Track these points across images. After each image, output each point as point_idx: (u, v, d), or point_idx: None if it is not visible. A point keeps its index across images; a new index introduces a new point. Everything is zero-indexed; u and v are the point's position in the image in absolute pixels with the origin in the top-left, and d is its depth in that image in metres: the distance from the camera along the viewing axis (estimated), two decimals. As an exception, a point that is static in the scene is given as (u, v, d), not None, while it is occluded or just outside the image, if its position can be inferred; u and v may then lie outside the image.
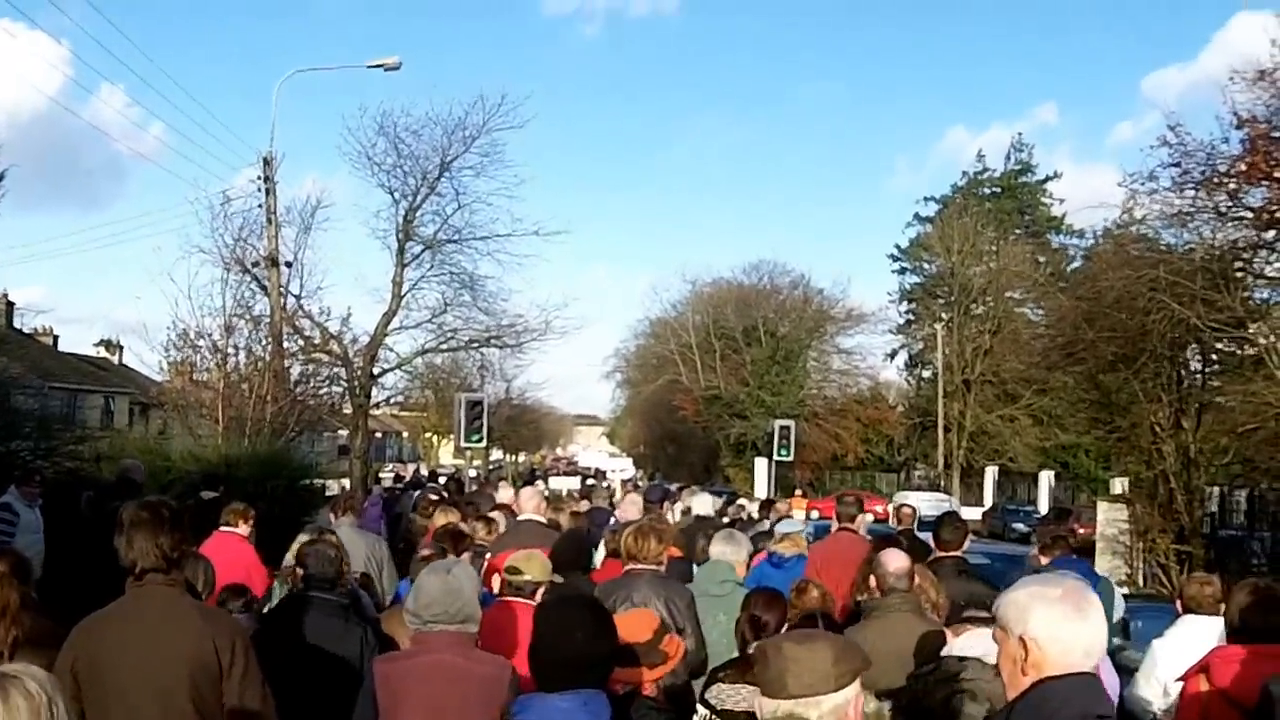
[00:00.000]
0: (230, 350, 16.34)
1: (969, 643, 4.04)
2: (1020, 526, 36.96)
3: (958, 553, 6.93)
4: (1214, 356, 14.03)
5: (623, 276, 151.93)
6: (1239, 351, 13.84)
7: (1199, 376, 13.74)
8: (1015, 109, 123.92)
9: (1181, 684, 4.35)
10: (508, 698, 3.36)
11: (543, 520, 8.37)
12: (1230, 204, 12.88)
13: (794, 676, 2.41)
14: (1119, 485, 38.94)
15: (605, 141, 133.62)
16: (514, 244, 26.84)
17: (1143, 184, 13.12)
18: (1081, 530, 27.37)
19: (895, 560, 5.11)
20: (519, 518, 8.55)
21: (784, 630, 4.41)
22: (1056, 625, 2.47)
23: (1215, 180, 12.60)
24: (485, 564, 6.61)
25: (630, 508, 10.57)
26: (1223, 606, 4.65)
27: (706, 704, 4.02)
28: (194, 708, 3.52)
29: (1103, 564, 15.46)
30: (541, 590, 4.94)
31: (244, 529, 7.69)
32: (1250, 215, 12.59)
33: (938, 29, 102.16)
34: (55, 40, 58.02)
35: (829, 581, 6.83)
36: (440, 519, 8.53)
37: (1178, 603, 5.71)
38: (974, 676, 3.86)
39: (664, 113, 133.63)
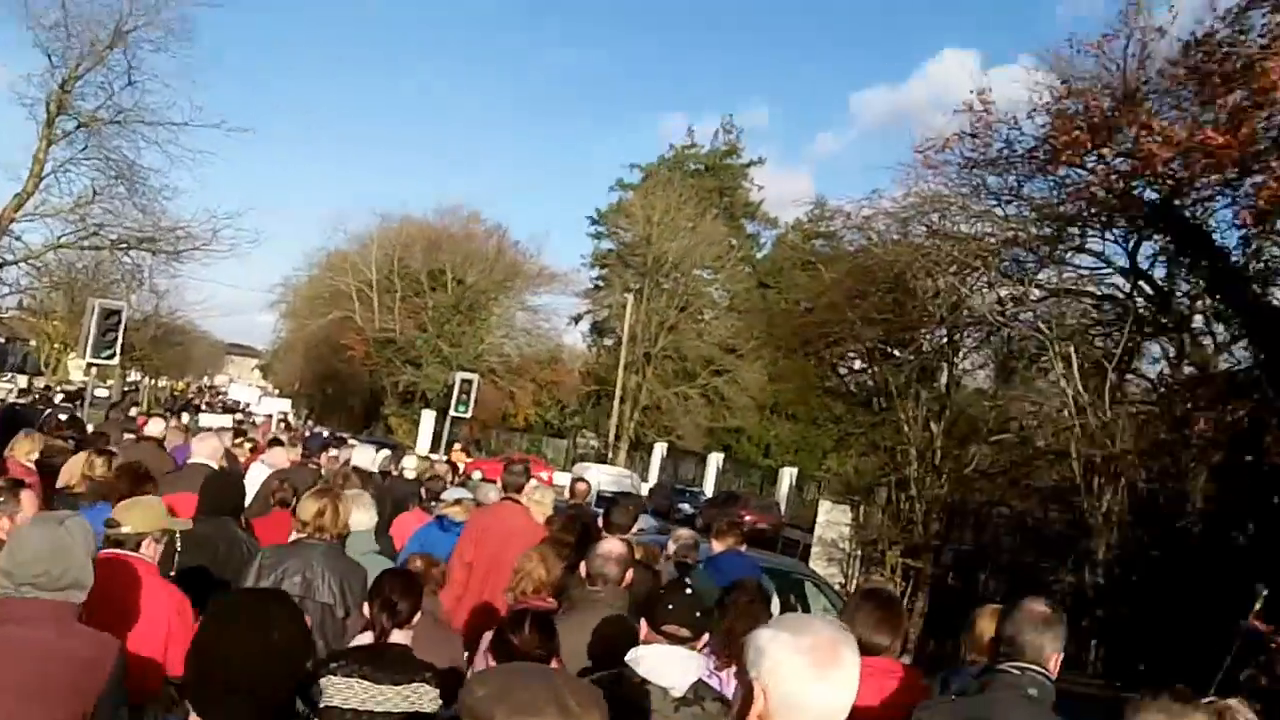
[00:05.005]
0: None
1: (655, 661, 3.33)
2: (686, 507, 36.46)
3: (626, 536, 6.56)
4: (981, 355, 12.78)
5: (305, 201, 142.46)
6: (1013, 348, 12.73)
7: (960, 373, 12.40)
8: (729, 106, 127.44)
9: None
10: (108, 683, 2.99)
11: (215, 466, 7.10)
12: (1011, 195, 11.67)
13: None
14: (788, 476, 39.69)
15: (313, 51, 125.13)
16: (190, 135, 22.98)
17: (936, 152, 11.51)
18: (748, 518, 26.78)
19: (607, 546, 4.88)
20: (190, 460, 7.38)
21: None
22: (790, 680, 2.05)
23: (1010, 161, 11.25)
24: None
25: (278, 456, 9.90)
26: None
27: (307, 699, 3.25)
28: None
29: (817, 570, 14.03)
30: (147, 541, 4.28)
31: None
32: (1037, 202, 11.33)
33: (664, 21, 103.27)
34: None
35: (484, 553, 6.62)
36: (23, 448, 7.51)
37: None
38: (658, 708, 3.32)
39: (387, 45, 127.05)
